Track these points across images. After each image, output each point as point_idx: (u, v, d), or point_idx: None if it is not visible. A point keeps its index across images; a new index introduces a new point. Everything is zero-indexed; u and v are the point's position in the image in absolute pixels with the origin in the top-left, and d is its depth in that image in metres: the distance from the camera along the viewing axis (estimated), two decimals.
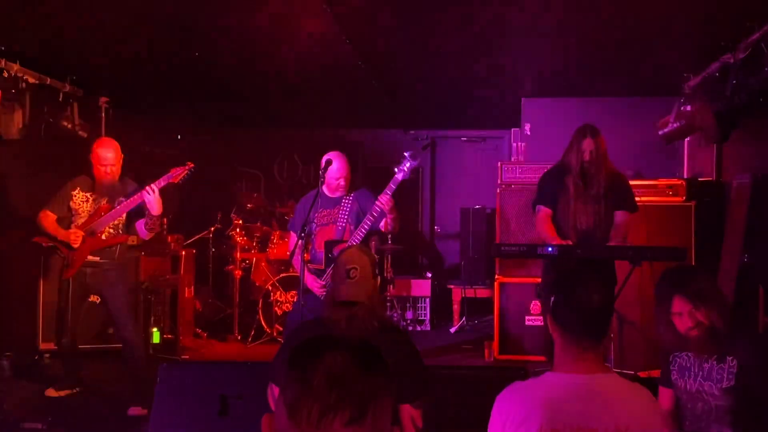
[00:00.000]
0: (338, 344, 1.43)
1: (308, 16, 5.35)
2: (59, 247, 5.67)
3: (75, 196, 5.70)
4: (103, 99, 7.42)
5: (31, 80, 6.39)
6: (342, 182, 5.14)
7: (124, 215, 5.65)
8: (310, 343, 1.45)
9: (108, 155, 5.63)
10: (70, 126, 6.95)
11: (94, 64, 6.92)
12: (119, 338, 5.87)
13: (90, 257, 5.65)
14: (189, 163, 5.59)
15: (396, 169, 4.86)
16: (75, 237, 5.57)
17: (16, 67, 6.18)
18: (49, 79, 6.67)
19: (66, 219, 5.73)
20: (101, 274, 5.69)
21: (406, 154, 4.90)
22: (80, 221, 5.67)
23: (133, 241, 5.84)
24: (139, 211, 5.60)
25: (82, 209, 5.69)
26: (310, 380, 1.36)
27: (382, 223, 5.05)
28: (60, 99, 6.93)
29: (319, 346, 1.43)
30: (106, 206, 5.63)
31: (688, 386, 3.22)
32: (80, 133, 7.04)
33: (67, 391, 5.88)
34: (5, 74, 6.11)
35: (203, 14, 5.42)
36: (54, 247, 5.72)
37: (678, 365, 3.28)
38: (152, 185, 5.43)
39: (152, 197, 5.40)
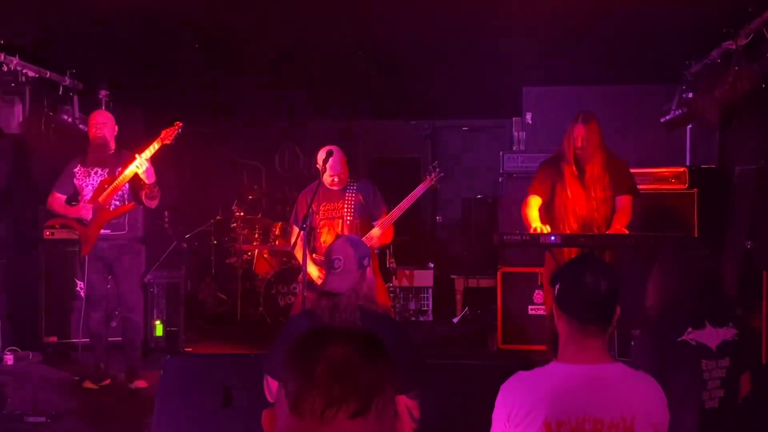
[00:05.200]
0: (340, 336, 1.40)
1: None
2: (73, 225, 5.82)
3: (77, 173, 5.80)
4: (102, 92, 7.38)
5: (31, 74, 6.36)
6: (338, 178, 5.22)
7: (128, 186, 5.72)
8: (312, 334, 1.42)
9: (100, 119, 5.80)
10: (70, 119, 6.92)
11: (93, 57, 6.89)
12: (126, 321, 5.98)
13: (102, 231, 5.74)
14: (177, 122, 5.64)
15: (427, 177, 5.51)
16: (85, 211, 5.68)
17: (15, 60, 6.14)
18: (48, 73, 6.63)
19: (73, 199, 5.85)
20: (117, 248, 5.85)
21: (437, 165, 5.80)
22: (86, 198, 5.78)
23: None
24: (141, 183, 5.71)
25: (85, 184, 5.78)
26: (313, 373, 1.32)
27: None
28: (60, 92, 6.90)
29: (320, 337, 1.39)
30: (108, 179, 5.71)
31: None
32: (80, 126, 7.01)
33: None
34: (5, 68, 6.09)
35: (201, 6, 5.40)
36: (67, 226, 5.95)
37: None
38: (140, 154, 5.50)
39: (142, 166, 5.48)
